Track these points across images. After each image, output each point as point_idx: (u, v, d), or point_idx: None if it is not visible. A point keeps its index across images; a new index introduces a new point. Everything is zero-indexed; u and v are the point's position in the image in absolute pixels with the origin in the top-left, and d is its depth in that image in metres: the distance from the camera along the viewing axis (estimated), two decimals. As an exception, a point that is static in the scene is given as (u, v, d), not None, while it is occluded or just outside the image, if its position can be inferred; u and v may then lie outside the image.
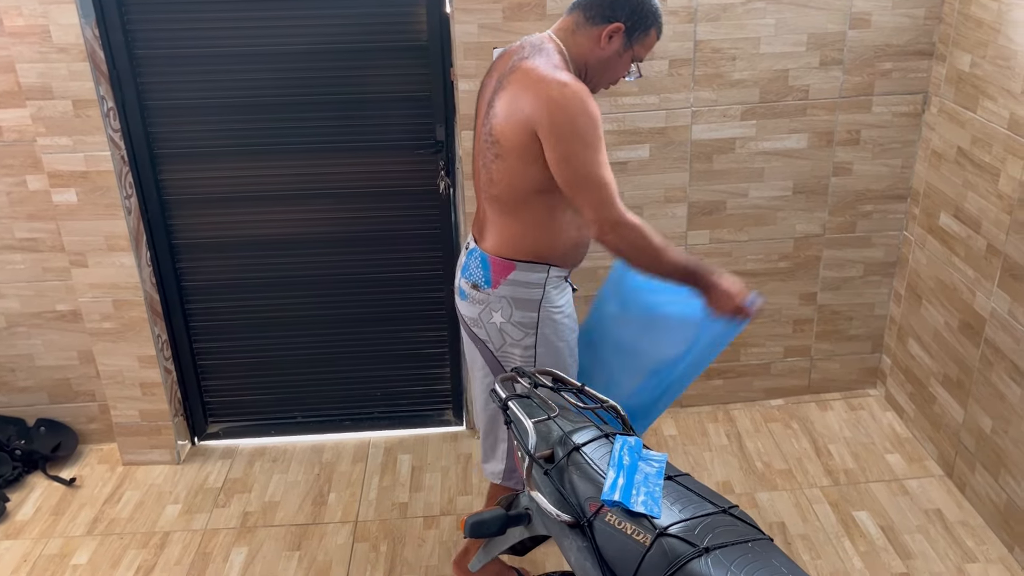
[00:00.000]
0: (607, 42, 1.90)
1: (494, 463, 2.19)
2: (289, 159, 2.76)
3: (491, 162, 1.91)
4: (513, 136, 1.84)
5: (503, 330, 2.00)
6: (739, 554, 1.31)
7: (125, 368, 2.86)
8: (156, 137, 2.71)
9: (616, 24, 1.88)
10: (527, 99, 1.80)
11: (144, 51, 2.61)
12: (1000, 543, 2.50)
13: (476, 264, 2.01)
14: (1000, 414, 2.48)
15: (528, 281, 1.96)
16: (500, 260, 1.97)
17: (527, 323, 1.98)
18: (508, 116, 1.84)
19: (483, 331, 2.02)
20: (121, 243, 2.69)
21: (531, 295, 1.97)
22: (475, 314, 2.02)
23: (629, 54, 1.93)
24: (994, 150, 2.44)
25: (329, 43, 2.63)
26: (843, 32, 2.69)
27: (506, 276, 1.96)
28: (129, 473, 2.96)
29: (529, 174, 1.87)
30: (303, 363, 3.06)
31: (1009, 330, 2.42)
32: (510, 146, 1.85)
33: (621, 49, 1.92)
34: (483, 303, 2.00)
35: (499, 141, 1.87)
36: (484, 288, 1.99)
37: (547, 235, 1.95)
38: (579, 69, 1.93)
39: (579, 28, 1.91)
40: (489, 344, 2.03)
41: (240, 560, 2.56)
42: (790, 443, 2.97)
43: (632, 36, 1.91)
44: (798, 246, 2.98)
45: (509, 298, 1.97)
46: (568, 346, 2.06)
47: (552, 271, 1.97)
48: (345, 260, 2.91)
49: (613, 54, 1.92)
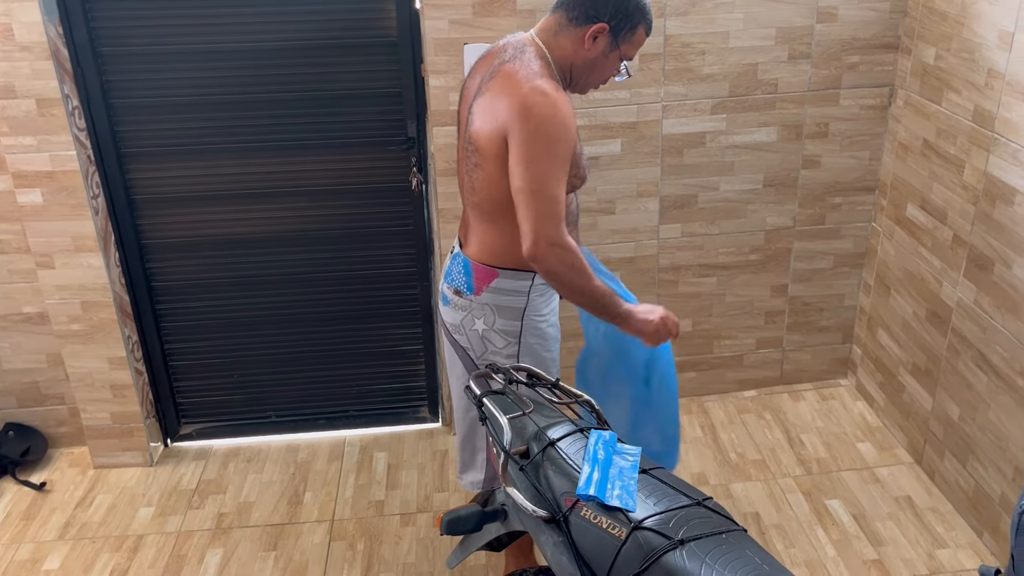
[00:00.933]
0: (591, 43, 1.82)
1: (473, 473, 2.16)
2: (259, 157, 2.74)
3: (472, 170, 1.87)
4: (489, 144, 1.79)
5: (485, 337, 1.96)
6: (713, 545, 1.32)
7: (95, 370, 2.82)
8: (123, 136, 2.68)
9: (600, 24, 1.80)
10: (503, 105, 1.75)
11: (109, 49, 2.57)
12: (969, 528, 2.55)
13: (459, 270, 1.97)
14: (967, 402, 2.52)
15: (511, 289, 1.93)
16: (483, 267, 1.93)
17: (510, 331, 1.95)
18: (485, 123, 1.79)
19: (464, 338, 1.99)
20: (89, 244, 2.65)
21: (514, 303, 1.94)
22: (457, 320, 1.99)
23: (616, 54, 1.86)
24: (959, 142, 2.48)
25: (298, 40, 2.60)
26: (811, 26, 2.71)
27: (489, 283, 1.93)
28: (101, 476, 2.92)
29: (507, 182, 1.79)
30: (277, 362, 3.04)
31: (975, 319, 2.46)
32: (488, 154, 1.80)
33: (607, 49, 1.84)
34: (465, 309, 1.97)
35: (478, 150, 1.82)
36: (467, 295, 1.96)
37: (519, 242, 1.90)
38: (563, 72, 1.87)
39: (562, 29, 1.83)
40: (470, 351, 2.00)
41: (215, 562, 2.54)
42: (763, 434, 3.00)
43: (618, 35, 1.83)
44: (769, 239, 3.00)
45: (492, 305, 1.94)
46: (552, 356, 2.03)
47: (537, 279, 1.93)
48: (318, 258, 2.89)
49: (599, 55, 1.84)
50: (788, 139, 2.86)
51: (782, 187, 2.93)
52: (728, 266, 3.02)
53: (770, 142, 2.86)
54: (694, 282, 3.03)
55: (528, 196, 1.72)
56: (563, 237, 1.76)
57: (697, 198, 2.91)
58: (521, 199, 1.74)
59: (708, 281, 3.04)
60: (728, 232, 2.97)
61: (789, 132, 2.85)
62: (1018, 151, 2.23)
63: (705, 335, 3.13)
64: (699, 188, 2.89)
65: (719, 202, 2.92)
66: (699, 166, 2.86)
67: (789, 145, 2.87)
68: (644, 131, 2.78)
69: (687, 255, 2.98)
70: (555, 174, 1.72)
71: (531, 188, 1.72)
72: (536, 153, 1.71)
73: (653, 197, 2.88)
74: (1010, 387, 2.33)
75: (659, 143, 2.80)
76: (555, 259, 1.76)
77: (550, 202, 1.73)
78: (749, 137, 2.84)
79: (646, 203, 2.89)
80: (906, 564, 2.43)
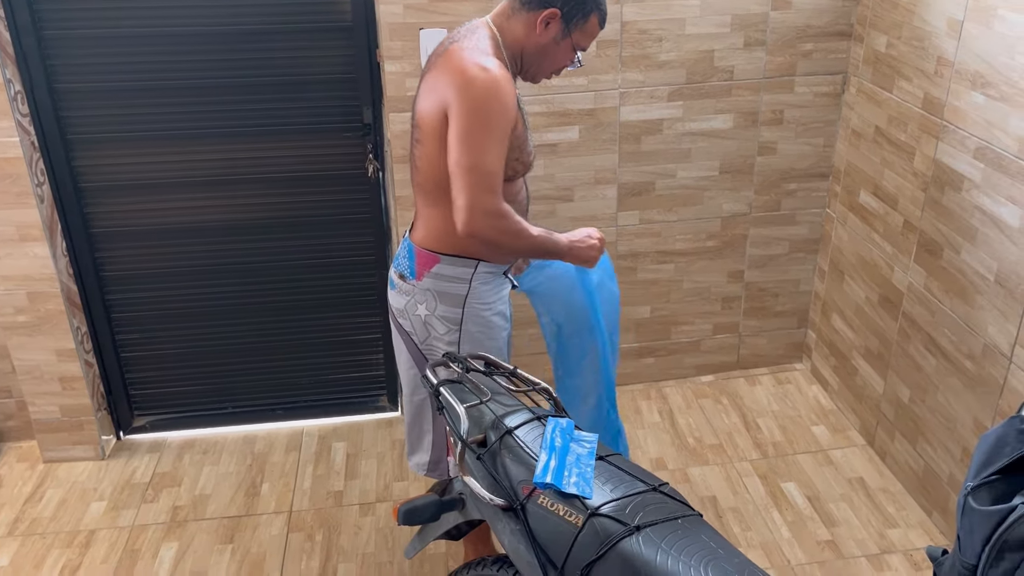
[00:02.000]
0: (543, 29, 1.81)
1: (420, 454, 2.16)
2: (211, 144, 2.68)
3: (414, 147, 1.86)
4: (429, 119, 1.77)
5: (427, 323, 1.95)
6: (669, 531, 1.34)
7: (43, 362, 2.75)
8: (69, 122, 2.60)
9: (551, 10, 1.79)
10: (444, 81, 1.73)
11: (53, 32, 2.49)
12: (919, 508, 2.60)
13: (404, 254, 1.97)
14: (917, 384, 2.58)
15: (452, 275, 1.91)
16: (425, 252, 1.91)
17: (451, 318, 1.94)
18: (426, 99, 1.78)
19: (408, 323, 1.98)
20: (34, 233, 2.58)
21: (456, 290, 1.92)
22: (401, 305, 1.98)
23: (568, 42, 1.84)
24: (909, 129, 2.52)
25: (250, 23, 2.55)
26: (766, 13, 2.73)
27: (430, 269, 1.91)
28: (50, 471, 2.86)
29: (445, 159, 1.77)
30: (232, 353, 2.99)
31: (925, 303, 2.51)
32: (428, 130, 1.79)
33: (559, 36, 1.83)
34: (409, 294, 1.96)
35: (419, 125, 1.81)
36: (409, 279, 1.95)
37: None
38: (514, 57, 1.86)
39: (515, 13, 1.82)
40: (414, 336, 1.99)
41: (170, 556, 2.50)
42: (720, 418, 3.04)
43: (570, 22, 1.82)
44: (725, 225, 3.03)
45: (433, 291, 1.92)
46: (497, 346, 2.00)
47: (481, 266, 1.91)
48: (272, 247, 2.85)
49: (550, 41, 1.83)
50: (744, 126, 2.88)
51: (738, 174, 2.95)
52: (685, 253, 3.05)
53: (726, 129, 2.88)
54: (652, 269, 3.05)
55: (464, 170, 1.70)
56: (499, 205, 1.74)
57: (655, 185, 2.92)
58: (457, 172, 1.71)
59: (666, 268, 3.06)
60: (685, 219, 2.99)
61: (745, 119, 2.87)
62: (966, 138, 2.28)
63: (663, 321, 3.15)
64: (656, 175, 2.90)
65: (676, 189, 2.94)
66: (656, 153, 2.87)
67: (745, 132, 2.89)
68: (602, 118, 2.78)
69: (645, 242, 3.00)
70: (491, 149, 1.70)
71: (467, 162, 1.70)
72: (472, 126, 1.69)
73: (611, 184, 2.89)
74: (958, 369, 2.38)
75: (617, 130, 2.80)
76: (492, 229, 1.74)
77: (485, 175, 1.70)
78: (705, 124, 2.85)
79: (604, 190, 2.89)
80: (858, 544, 2.48)
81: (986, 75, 2.18)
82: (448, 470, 2.13)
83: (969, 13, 2.22)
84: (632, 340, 3.16)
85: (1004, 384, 2.21)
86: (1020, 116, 2.08)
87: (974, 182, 2.26)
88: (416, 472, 2.21)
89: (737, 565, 1.28)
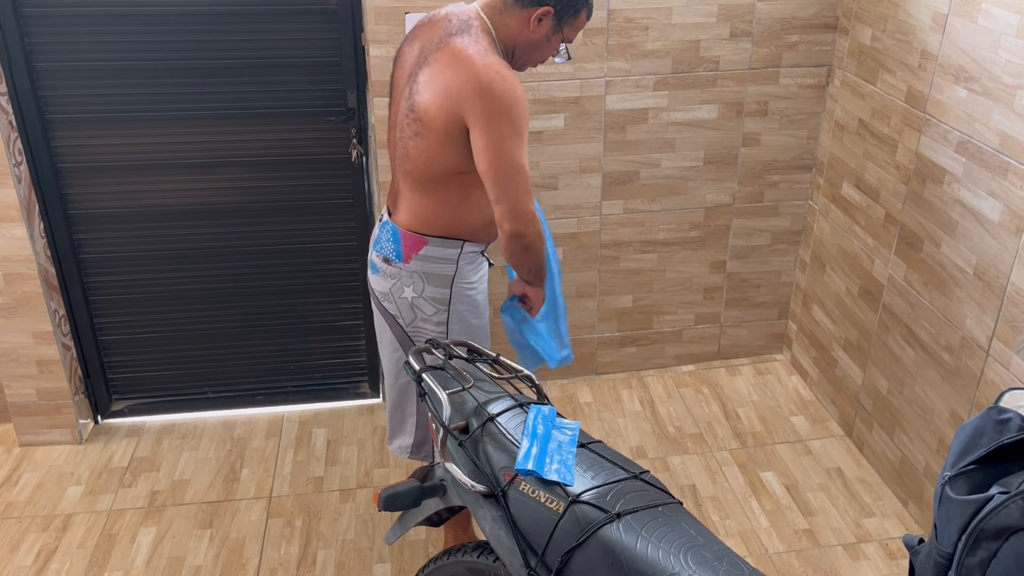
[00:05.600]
0: (536, 25, 1.85)
1: (403, 438, 2.17)
2: (193, 125, 2.65)
3: (409, 138, 1.86)
4: (438, 117, 1.79)
5: (415, 305, 1.97)
6: (649, 519, 1.34)
7: (20, 345, 2.72)
8: (47, 101, 2.57)
9: (546, 8, 1.84)
10: (457, 83, 1.75)
11: (32, 9, 2.45)
12: (895, 498, 2.63)
13: (388, 238, 1.98)
14: (895, 376, 2.60)
15: (440, 256, 1.94)
16: (412, 235, 1.94)
17: (440, 299, 1.97)
18: (434, 97, 1.78)
19: (393, 306, 2.00)
20: (11, 213, 2.54)
21: (444, 271, 1.95)
22: (386, 288, 1.99)
23: (559, 36, 1.90)
24: (892, 122, 2.53)
25: (235, 5, 2.52)
26: (752, 4, 2.73)
27: (418, 251, 1.94)
28: (27, 454, 2.83)
29: (448, 155, 1.83)
30: (213, 337, 2.97)
31: (904, 296, 2.53)
32: (433, 127, 1.80)
33: (550, 32, 1.88)
34: (395, 277, 1.97)
35: (421, 119, 1.81)
36: (395, 262, 1.96)
37: (461, 212, 1.92)
38: (506, 50, 1.88)
39: (508, 8, 1.85)
40: (399, 319, 2.01)
41: (148, 541, 2.49)
42: (701, 408, 3.05)
43: (562, 19, 1.87)
44: (708, 215, 3.04)
45: (421, 273, 1.95)
46: (482, 324, 2.05)
47: (466, 246, 1.96)
48: (255, 231, 2.83)
49: (542, 37, 1.88)
50: (728, 117, 2.89)
51: (722, 164, 2.96)
52: (668, 242, 3.05)
53: (711, 119, 2.88)
54: (635, 258, 3.05)
55: (504, 176, 1.77)
56: (534, 211, 1.84)
57: (639, 174, 2.92)
58: (497, 178, 1.78)
59: (649, 257, 3.06)
60: (669, 209, 2.99)
61: (729, 110, 2.88)
62: (948, 132, 2.29)
63: (645, 311, 3.16)
64: (641, 164, 2.90)
65: (660, 179, 2.94)
66: (641, 142, 2.87)
67: (729, 123, 2.90)
68: (587, 106, 2.77)
69: (628, 231, 3.00)
70: (523, 152, 1.79)
71: (506, 169, 1.77)
72: (504, 134, 1.75)
73: (596, 173, 2.88)
74: (935, 361, 2.41)
75: (602, 119, 2.80)
76: (533, 232, 1.84)
77: (525, 178, 1.79)
78: (690, 114, 2.86)
79: (589, 179, 2.89)
80: (835, 533, 2.51)
81: (969, 69, 2.20)
82: (432, 452, 2.14)
83: (954, 7, 2.24)
84: (614, 329, 3.16)
85: (981, 376, 2.23)
86: (1002, 111, 2.09)
87: (955, 176, 2.28)
88: (398, 455, 2.22)
89: (716, 552, 1.29)
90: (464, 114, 1.76)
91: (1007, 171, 2.09)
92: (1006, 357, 2.14)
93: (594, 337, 3.16)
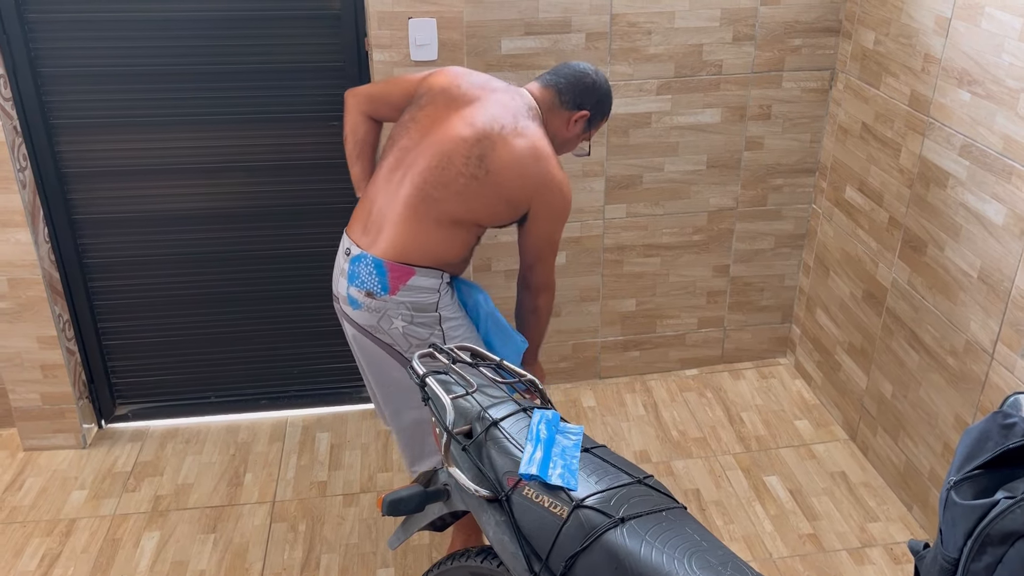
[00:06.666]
0: (573, 125, 2.07)
1: (424, 463, 2.16)
2: (197, 130, 2.66)
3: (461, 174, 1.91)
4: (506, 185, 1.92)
5: (407, 333, 1.98)
6: (653, 523, 1.34)
7: (24, 350, 2.73)
8: (52, 106, 2.57)
9: (584, 112, 2.05)
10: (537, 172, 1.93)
11: (37, 15, 2.46)
12: (900, 502, 2.63)
13: (369, 271, 1.96)
14: (900, 380, 2.59)
15: (426, 286, 1.96)
16: (398, 265, 1.94)
17: (430, 322, 1.99)
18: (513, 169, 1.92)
19: (386, 336, 2.01)
20: (16, 218, 2.55)
21: (428, 299, 1.97)
22: (373, 322, 1.99)
23: (586, 135, 2.13)
24: (896, 126, 2.53)
25: (238, 10, 2.53)
26: (755, 8, 2.73)
27: (405, 281, 1.94)
28: (31, 459, 2.83)
29: (488, 212, 1.95)
30: (216, 341, 2.97)
31: (908, 299, 2.53)
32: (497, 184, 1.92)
33: (582, 131, 2.10)
34: (379, 311, 1.97)
35: (490, 172, 1.91)
36: (381, 295, 1.96)
37: (451, 248, 1.98)
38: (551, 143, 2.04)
39: (554, 108, 2.05)
40: (396, 346, 2.02)
41: (152, 545, 2.49)
42: (704, 412, 3.05)
43: (592, 121, 2.10)
44: (711, 219, 3.04)
45: (408, 303, 1.96)
46: (476, 335, 2.08)
47: (445, 276, 2.00)
48: (259, 235, 2.83)
49: (576, 135, 2.10)
50: (732, 120, 2.89)
51: (725, 168, 2.96)
52: (672, 246, 3.05)
53: (714, 123, 2.88)
54: (638, 262, 3.05)
55: (546, 256, 2.06)
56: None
57: (642, 178, 2.92)
58: (538, 256, 2.05)
59: (652, 261, 3.06)
60: (672, 212, 2.99)
61: (733, 114, 2.88)
62: (952, 135, 2.29)
63: (648, 315, 3.16)
64: (644, 168, 2.90)
65: (664, 183, 2.94)
66: (644, 146, 2.87)
67: (732, 127, 2.90)
68: (590, 110, 2.77)
69: (632, 235, 3.00)
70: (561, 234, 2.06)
71: (549, 251, 2.06)
72: (556, 228, 2.03)
73: (599, 177, 2.88)
74: (940, 365, 2.40)
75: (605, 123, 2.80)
76: (551, 300, 2.15)
77: (555, 256, 2.10)
78: (693, 118, 2.86)
79: (592, 183, 2.89)
80: (839, 537, 2.50)
81: (972, 73, 2.19)
82: None
83: (957, 10, 2.23)
84: (617, 333, 3.16)
85: (985, 380, 2.23)
86: (1005, 114, 2.09)
87: (959, 179, 2.27)
88: None
89: (720, 557, 1.29)
90: (530, 202, 1.96)
91: (1011, 174, 2.09)
92: (1011, 361, 2.14)
93: (597, 341, 3.16)
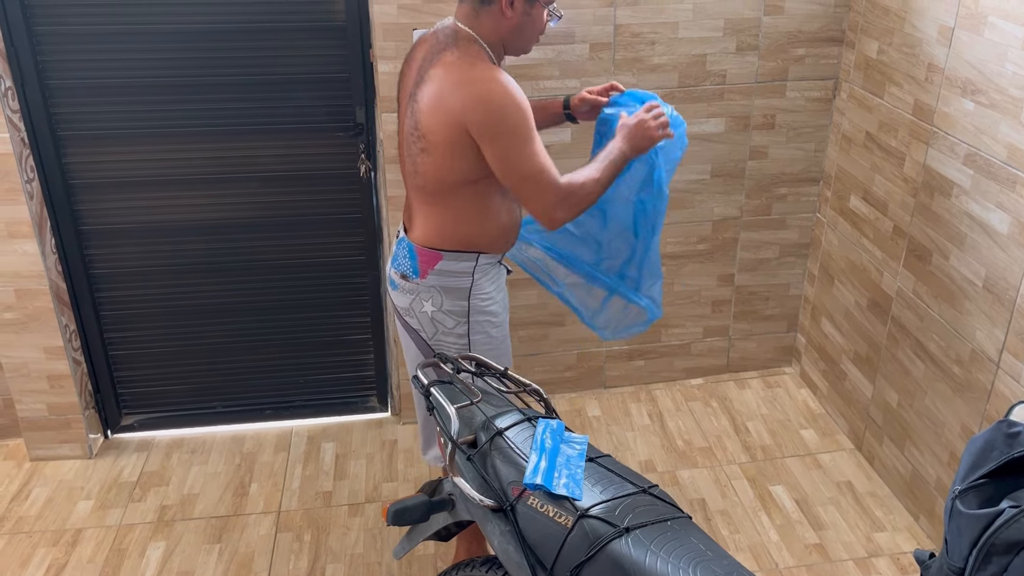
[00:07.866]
0: (510, 11, 1.83)
1: (436, 449, 2.18)
2: (203, 141, 2.68)
3: (417, 155, 1.88)
4: (441, 132, 1.80)
5: (435, 319, 1.99)
6: (658, 533, 1.34)
7: (30, 360, 2.74)
8: (59, 118, 2.59)
9: None
10: (455, 97, 1.76)
11: (45, 28, 2.48)
12: (906, 512, 2.62)
13: (404, 254, 2.00)
14: (905, 389, 2.59)
15: (456, 271, 1.96)
16: (427, 250, 1.95)
17: (458, 311, 1.98)
18: (434, 112, 1.80)
19: (415, 320, 2.01)
20: (23, 229, 2.57)
21: (460, 283, 1.97)
22: (406, 304, 2.01)
23: (538, 6, 1.86)
24: (899, 135, 2.53)
25: (244, 22, 2.55)
26: (758, 18, 2.74)
27: (433, 266, 1.95)
28: (37, 469, 2.84)
29: (457, 167, 1.84)
30: (222, 351, 2.98)
31: (913, 308, 2.52)
32: (437, 140, 1.82)
33: (527, 7, 1.84)
34: (413, 293, 1.99)
35: (425, 136, 1.83)
36: (413, 278, 1.98)
37: (475, 224, 1.94)
38: (496, 48, 1.89)
39: (479, 10, 1.84)
40: (422, 333, 2.02)
41: (157, 555, 2.49)
42: (710, 421, 3.04)
43: None
44: (716, 229, 3.04)
45: (438, 287, 1.96)
46: (503, 333, 2.07)
47: (481, 259, 1.97)
48: (264, 246, 2.84)
49: (521, 18, 1.85)
50: (736, 130, 2.89)
51: (729, 177, 2.96)
52: (676, 256, 3.05)
53: (718, 133, 2.88)
54: (643, 271, 3.05)
55: (519, 181, 1.81)
56: (563, 189, 1.82)
57: (646, 188, 2.92)
58: (517, 185, 1.82)
59: (657, 270, 3.06)
60: (677, 222, 3.00)
61: (737, 123, 2.88)
62: (955, 144, 2.29)
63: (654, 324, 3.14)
64: (648, 178, 2.91)
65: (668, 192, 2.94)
66: (648, 156, 2.87)
67: (736, 136, 2.90)
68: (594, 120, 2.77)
69: (636, 244, 3.00)
70: (532, 150, 1.79)
71: (518, 174, 1.80)
72: (510, 143, 1.78)
73: (603, 186, 2.89)
74: (945, 374, 2.39)
75: None
76: (571, 209, 1.85)
77: (539, 177, 1.80)
78: (697, 128, 2.86)
79: (596, 192, 2.89)
80: (846, 547, 2.49)
81: (976, 82, 2.20)
82: None
83: (960, 20, 2.24)
84: (622, 342, 3.16)
85: (991, 389, 2.22)
86: (1009, 123, 2.09)
87: (963, 188, 2.27)
88: (434, 464, 2.22)
89: (726, 567, 1.28)
90: (467, 126, 1.78)
91: (1015, 183, 2.09)
92: (1016, 370, 2.13)
93: (602, 350, 3.16)
